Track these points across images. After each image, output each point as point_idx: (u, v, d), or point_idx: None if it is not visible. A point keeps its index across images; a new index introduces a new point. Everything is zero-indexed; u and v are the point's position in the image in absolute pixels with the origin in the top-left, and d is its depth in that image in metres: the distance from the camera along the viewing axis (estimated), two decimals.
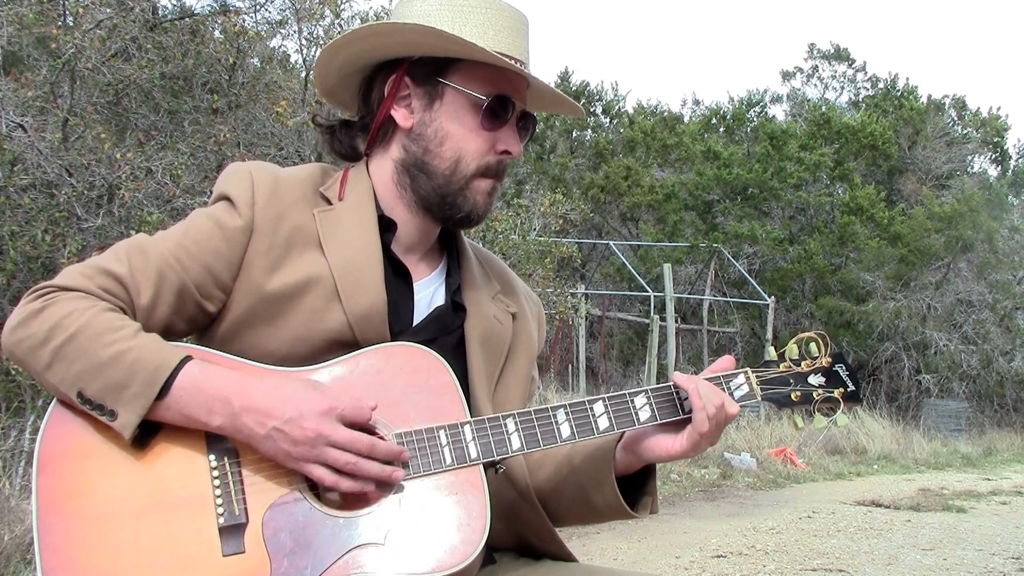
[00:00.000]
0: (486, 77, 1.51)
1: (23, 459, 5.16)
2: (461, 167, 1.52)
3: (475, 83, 1.51)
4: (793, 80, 28.79)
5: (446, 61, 1.52)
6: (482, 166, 1.53)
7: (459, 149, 1.52)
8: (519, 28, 1.55)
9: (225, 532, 1.31)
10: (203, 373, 1.35)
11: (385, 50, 1.54)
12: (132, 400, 1.31)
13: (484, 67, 1.51)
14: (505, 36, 1.52)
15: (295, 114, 7.83)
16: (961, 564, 6.06)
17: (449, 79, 1.52)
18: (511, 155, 1.55)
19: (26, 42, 7.58)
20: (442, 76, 1.52)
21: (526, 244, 9.92)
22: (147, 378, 1.32)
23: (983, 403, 18.96)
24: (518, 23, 1.55)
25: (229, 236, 1.46)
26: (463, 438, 1.41)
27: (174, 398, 1.33)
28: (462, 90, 1.51)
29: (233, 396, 1.33)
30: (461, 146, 1.52)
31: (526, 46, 1.56)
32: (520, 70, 1.50)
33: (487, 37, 1.49)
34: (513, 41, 1.53)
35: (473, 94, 1.51)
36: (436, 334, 1.55)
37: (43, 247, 6.16)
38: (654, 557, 5.94)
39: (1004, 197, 23.75)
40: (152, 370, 1.32)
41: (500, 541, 1.61)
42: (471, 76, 1.51)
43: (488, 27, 1.50)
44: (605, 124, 26.38)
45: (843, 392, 1.60)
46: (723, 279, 20.98)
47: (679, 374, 1.51)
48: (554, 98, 1.61)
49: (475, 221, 1.57)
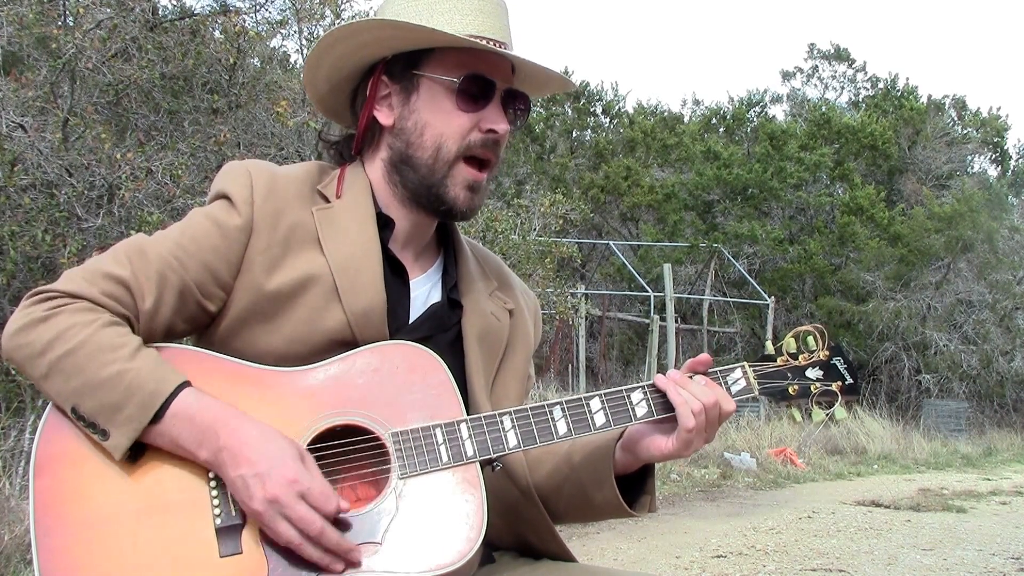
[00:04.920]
0: (459, 61, 1.50)
1: (23, 459, 5.16)
2: (443, 152, 1.51)
3: (447, 68, 1.50)
4: (793, 80, 28.81)
5: (420, 54, 1.51)
6: (463, 146, 1.51)
7: (439, 135, 1.51)
8: (490, 10, 1.53)
9: (222, 533, 1.31)
10: (198, 403, 1.33)
11: (360, 52, 1.54)
12: (125, 423, 1.31)
13: (457, 52, 1.50)
14: (475, 18, 1.50)
15: (295, 114, 7.82)
16: (961, 564, 6.06)
17: (423, 70, 1.51)
18: (497, 133, 1.52)
19: (26, 42, 7.58)
20: (416, 68, 1.52)
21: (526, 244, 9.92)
22: (142, 402, 1.31)
23: (983, 403, 18.95)
24: (489, 5, 1.53)
25: (228, 234, 1.45)
26: (459, 436, 1.41)
27: (167, 425, 1.32)
28: (435, 77, 1.51)
29: (221, 431, 1.31)
30: (441, 131, 1.51)
31: (503, 25, 1.54)
32: (487, 48, 1.48)
33: (455, 23, 1.49)
34: (484, 21, 1.51)
35: (446, 78, 1.50)
36: (432, 331, 1.54)
37: (43, 247, 6.16)
38: (654, 557, 5.94)
39: (1004, 197, 23.76)
40: (148, 394, 1.31)
41: (500, 540, 1.61)
42: (444, 63, 1.51)
43: (454, 13, 1.50)
44: (605, 124, 26.36)
45: (841, 385, 1.59)
46: (723, 279, 20.99)
47: (660, 376, 1.49)
48: (544, 77, 1.58)
49: (458, 215, 1.54)
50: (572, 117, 25.71)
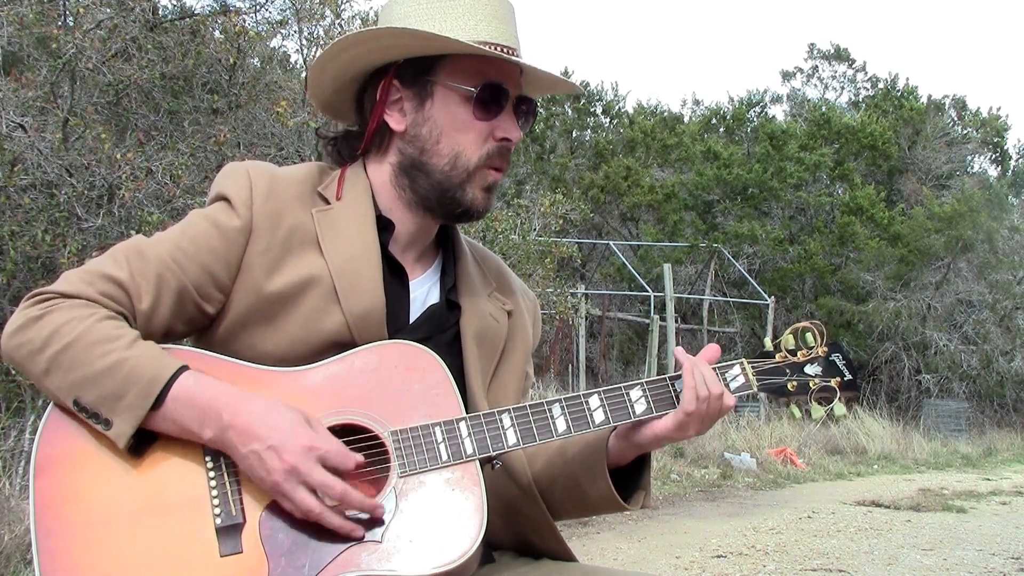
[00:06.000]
0: (473, 68, 1.50)
1: (23, 459, 5.16)
2: (461, 161, 1.51)
3: (463, 76, 1.50)
4: (793, 80, 28.79)
5: (432, 59, 1.51)
6: (483, 156, 1.52)
7: (456, 144, 1.51)
8: (502, 15, 1.53)
9: (222, 532, 1.31)
10: (198, 385, 1.34)
11: (370, 57, 1.53)
12: (127, 410, 1.31)
13: (470, 59, 1.50)
14: (487, 24, 1.50)
15: (295, 114, 7.82)
16: (961, 564, 6.06)
17: (437, 76, 1.51)
18: (511, 141, 1.54)
19: (26, 42, 7.58)
20: (430, 75, 1.51)
21: (526, 244, 9.92)
22: (142, 389, 1.32)
23: (983, 403, 18.95)
24: (500, 9, 1.53)
25: (227, 236, 1.45)
26: (459, 434, 1.41)
27: (168, 409, 1.33)
28: (451, 85, 1.50)
29: (225, 410, 1.32)
30: (458, 140, 1.51)
31: (513, 32, 1.55)
32: (503, 56, 1.48)
33: (467, 29, 1.49)
34: (496, 28, 1.51)
35: (462, 87, 1.50)
36: (430, 332, 1.54)
37: (43, 247, 6.16)
38: (654, 557, 5.94)
39: (1004, 197, 23.74)
40: (148, 381, 1.32)
41: (500, 539, 1.61)
42: (458, 70, 1.50)
43: (468, 18, 1.49)
44: (605, 124, 26.36)
45: (840, 381, 1.59)
46: (723, 279, 20.98)
47: (680, 349, 1.51)
48: (550, 80, 1.60)
49: (475, 216, 1.56)
50: (572, 117, 25.71)
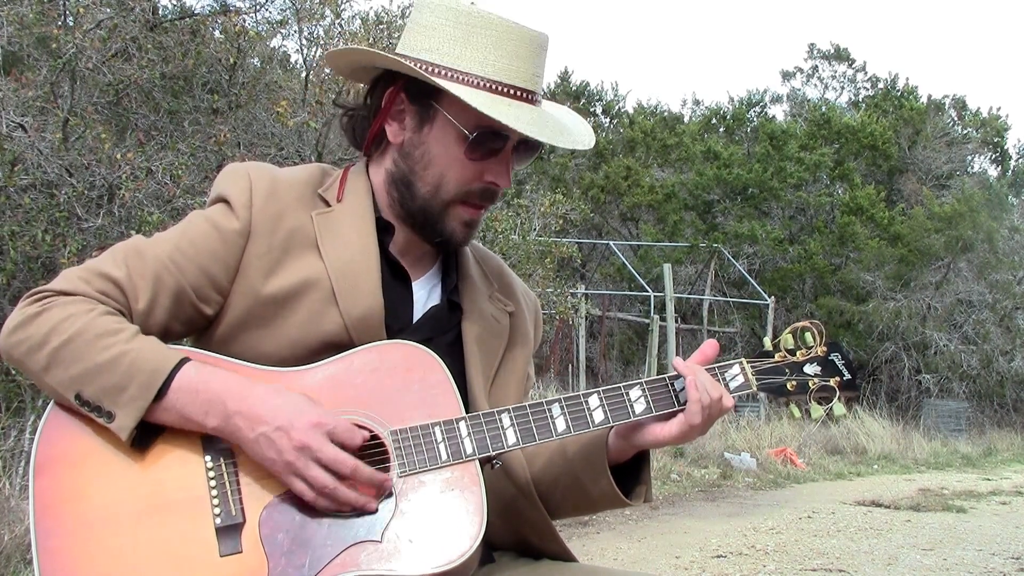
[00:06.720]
0: (474, 109, 1.42)
1: (23, 459, 5.16)
2: (441, 192, 1.50)
3: (462, 114, 1.45)
4: (793, 80, 28.77)
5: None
6: (462, 193, 1.50)
7: (441, 175, 1.49)
8: (527, 53, 1.48)
9: (222, 532, 1.31)
10: (200, 375, 1.35)
11: (376, 62, 1.54)
12: (130, 402, 1.32)
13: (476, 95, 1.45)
14: (508, 62, 1.46)
15: (295, 114, 7.83)
16: (961, 564, 6.06)
17: (441, 104, 1.48)
18: (499, 187, 1.52)
19: (26, 42, 7.58)
20: (435, 99, 1.48)
21: (526, 244, 9.92)
22: (145, 380, 1.32)
23: (983, 403, 18.95)
24: (530, 46, 1.48)
25: (226, 238, 1.45)
26: (458, 434, 1.41)
27: (171, 399, 1.33)
28: (451, 119, 1.47)
29: (228, 398, 1.33)
30: (444, 173, 1.49)
31: (536, 71, 1.50)
32: (493, 121, 1.41)
33: (485, 63, 1.45)
34: (517, 67, 1.47)
35: (459, 126, 1.46)
36: (432, 333, 1.54)
37: (43, 247, 6.16)
38: (654, 557, 5.94)
39: (1004, 197, 23.73)
40: (150, 372, 1.33)
41: (499, 540, 1.61)
42: (459, 106, 1.45)
43: (490, 51, 1.45)
44: (605, 124, 26.35)
45: (839, 381, 1.58)
46: (723, 279, 20.98)
47: (679, 359, 1.50)
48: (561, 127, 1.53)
49: (453, 246, 1.56)
50: None
